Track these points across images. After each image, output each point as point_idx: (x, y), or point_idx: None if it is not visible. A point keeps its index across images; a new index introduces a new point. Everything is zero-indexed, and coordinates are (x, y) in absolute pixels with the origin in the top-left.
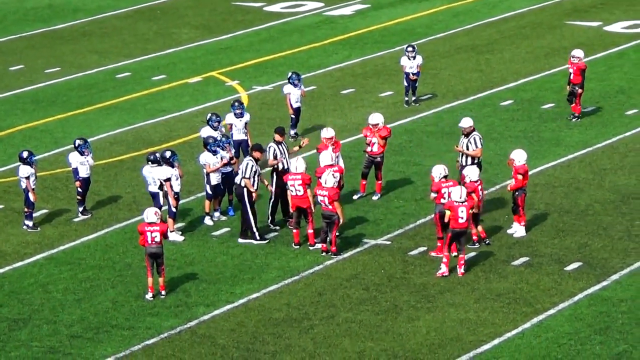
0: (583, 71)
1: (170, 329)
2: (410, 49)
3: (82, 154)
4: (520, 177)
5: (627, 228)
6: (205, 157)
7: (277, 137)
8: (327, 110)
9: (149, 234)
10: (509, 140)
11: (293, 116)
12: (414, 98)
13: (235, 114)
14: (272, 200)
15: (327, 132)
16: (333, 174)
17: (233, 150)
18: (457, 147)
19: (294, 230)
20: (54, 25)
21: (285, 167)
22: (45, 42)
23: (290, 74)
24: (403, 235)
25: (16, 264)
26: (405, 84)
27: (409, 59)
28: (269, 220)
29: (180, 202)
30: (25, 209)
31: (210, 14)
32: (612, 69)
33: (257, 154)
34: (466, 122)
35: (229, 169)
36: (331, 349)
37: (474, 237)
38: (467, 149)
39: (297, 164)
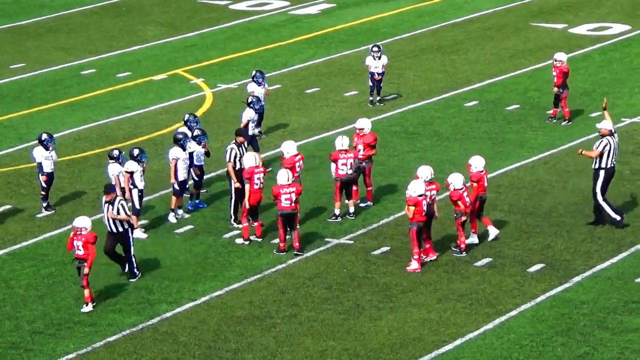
0: (565, 74)
1: (132, 326)
2: (375, 48)
3: (47, 148)
4: (475, 184)
5: (590, 230)
6: (176, 152)
7: (239, 139)
8: (291, 109)
9: (75, 242)
10: (473, 141)
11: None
12: (378, 98)
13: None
14: (233, 200)
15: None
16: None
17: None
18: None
19: (244, 225)
20: (19, 20)
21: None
22: (10, 37)
23: (254, 72)
24: (366, 235)
25: None
26: (370, 83)
27: (374, 58)
28: (232, 219)
29: (144, 199)
30: None
31: (175, 12)
32: (577, 71)
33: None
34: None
35: (201, 161)
36: (293, 347)
37: (462, 246)
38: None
39: (251, 160)
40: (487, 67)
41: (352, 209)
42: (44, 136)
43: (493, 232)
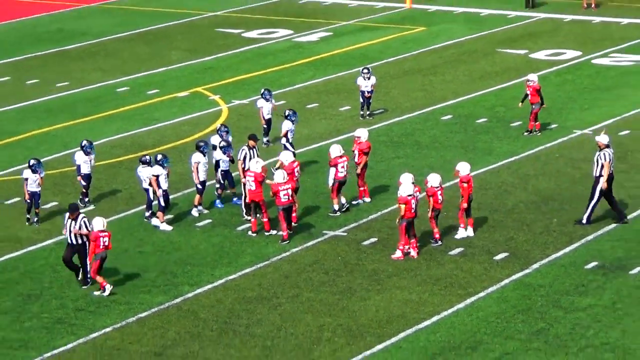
0: (538, 91)
1: (159, 305)
2: (365, 70)
3: (87, 153)
4: (465, 185)
5: (547, 225)
6: (197, 157)
7: (251, 143)
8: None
9: (101, 239)
10: (448, 149)
11: (265, 126)
12: (368, 112)
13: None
14: (243, 196)
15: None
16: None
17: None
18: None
19: (251, 220)
20: (64, 46)
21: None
22: (56, 60)
23: (263, 90)
24: (357, 228)
25: (30, 248)
26: (361, 100)
27: (365, 79)
28: (244, 213)
29: (169, 197)
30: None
31: (196, 39)
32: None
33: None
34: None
35: (227, 166)
36: (295, 323)
37: (437, 236)
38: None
39: (253, 165)
40: (460, 87)
41: (344, 200)
42: (85, 142)
43: (466, 232)
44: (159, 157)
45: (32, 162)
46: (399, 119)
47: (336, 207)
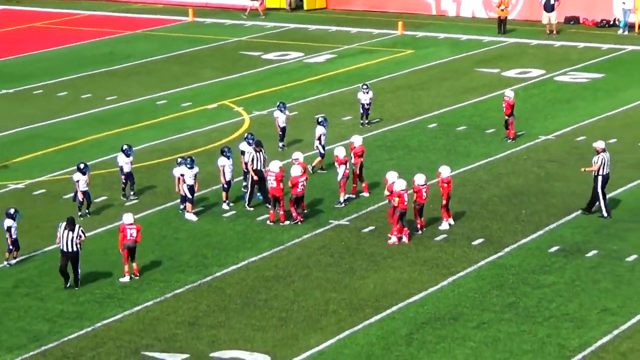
0: (512, 106)
1: (192, 282)
2: (364, 86)
3: (127, 155)
4: (445, 185)
5: (516, 215)
6: (222, 161)
7: (257, 148)
8: (305, 129)
9: (128, 231)
10: (433, 152)
11: (280, 133)
12: (367, 121)
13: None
14: (249, 190)
15: (340, 151)
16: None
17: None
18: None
19: (270, 212)
20: (113, 66)
21: (259, 167)
22: (106, 78)
23: (278, 103)
24: (358, 218)
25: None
26: (361, 111)
27: (364, 93)
28: (247, 204)
29: (200, 192)
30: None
31: (223, 60)
32: None
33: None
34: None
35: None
36: (306, 297)
37: (419, 226)
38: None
39: (273, 166)
40: (443, 100)
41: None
42: (125, 147)
43: (447, 224)
44: (187, 160)
45: (81, 165)
46: (392, 127)
47: (342, 199)
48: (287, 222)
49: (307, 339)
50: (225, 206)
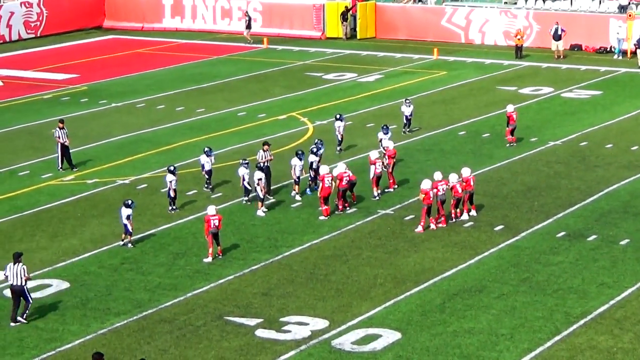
0: (513, 117)
1: (265, 260)
2: (407, 100)
3: (208, 155)
4: (464, 184)
5: (530, 207)
6: (294, 161)
7: (265, 147)
8: (358, 136)
9: (212, 221)
10: (463, 154)
11: (339, 139)
12: (408, 129)
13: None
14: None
15: (373, 154)
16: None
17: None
18: None
19: (324, 208)
20: (202, 84)
21: (263, 165)
22: (196, 94)
23: (337, 114)
24: (401, 208)
25: (178, 221)
26: (404, 121)
27: (407, 106)
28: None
29: (273, 186)
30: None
31: (291, 80)
32: (522, 114)
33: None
34: None
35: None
36: (358, 273)
37: (452, 215)
38: None
39: (323, 169)
40: (471, 112)
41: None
42: (206, 148)
43: (470, 214)
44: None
45: (171, 167)
46: (429, 134)
47: (375, 193)
48: (325, 218)
49: (359, 307)
50: (297, 197)
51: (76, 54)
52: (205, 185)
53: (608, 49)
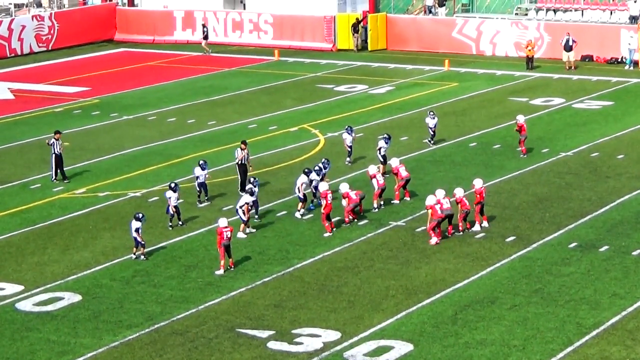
0: (523, 127)
1: (277, 272)
2: (432, 112)
3: (203, 169)
4: (477, 196)
5: (542, 217)
6: (301, 179)
7: (242, 146)
8: (369, 147)
9: (224, 233)
10: (474, 165)
11: (348, 150)
12: (432, 142)
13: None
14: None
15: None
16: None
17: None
18: None
19: (327, 224)
20: (212, 97)
21: (243, 162)
22: (207, 106)
23: (347, 126)
24: (412, 220)
25: (189, 234)
26: (430, 132)
27: (431, 118)
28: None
29: (284, 199)
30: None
31: (302, 91)
32: (534, 125)
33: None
34: None
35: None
36: (370, 284)
37: (460, 227)
38: None
39: (322, 186)
40: (482, 123)
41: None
42: (201, 161)
43: (482, 226)
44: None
45: (172, 184)
46: (440, 145)
47: (375, 204)
48: (329, 234)
49: (371, 319)
50: (297, 215)
51: (88, 67)
52: (198, 199)
53: (619, 60)
